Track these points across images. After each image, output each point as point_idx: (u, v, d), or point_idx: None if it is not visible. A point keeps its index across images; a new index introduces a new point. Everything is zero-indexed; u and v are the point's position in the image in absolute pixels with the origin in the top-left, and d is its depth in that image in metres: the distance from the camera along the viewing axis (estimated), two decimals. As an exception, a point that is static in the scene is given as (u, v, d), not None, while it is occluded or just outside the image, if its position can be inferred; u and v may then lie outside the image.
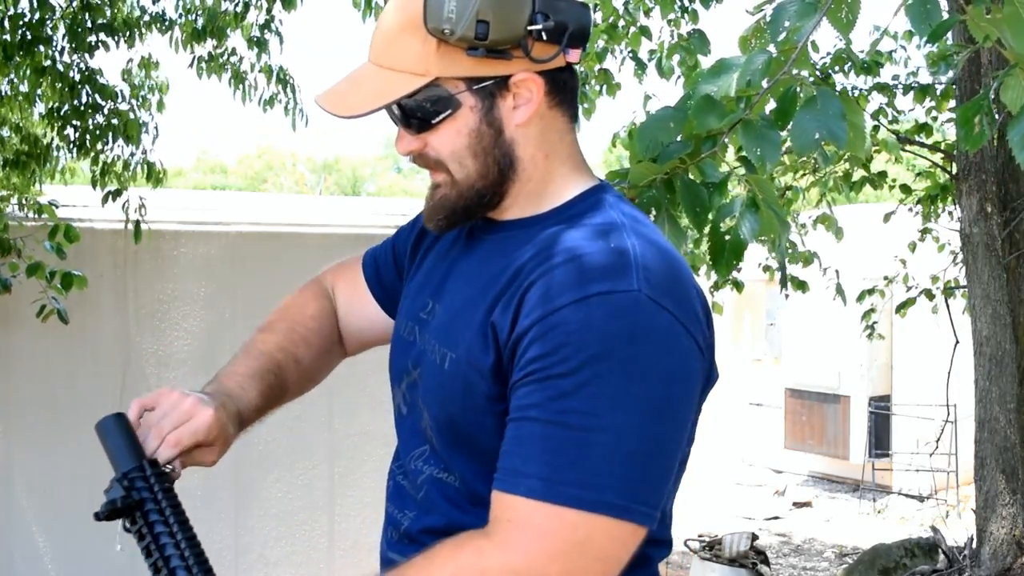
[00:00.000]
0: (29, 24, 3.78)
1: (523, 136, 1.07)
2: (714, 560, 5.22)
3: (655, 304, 0.96)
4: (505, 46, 1.02)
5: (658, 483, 0.96)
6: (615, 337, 0.94)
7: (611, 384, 0.93)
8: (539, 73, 1.05)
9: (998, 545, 4.16)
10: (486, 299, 1.04)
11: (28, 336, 4.03)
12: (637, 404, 0.93)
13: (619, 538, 0.94)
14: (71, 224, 3.57)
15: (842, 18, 1.31)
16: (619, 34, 4.38)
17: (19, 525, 4.21)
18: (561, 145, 1.10)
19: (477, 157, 1.06)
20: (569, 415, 0.93)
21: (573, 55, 1.06)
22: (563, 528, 0.91)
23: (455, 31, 1.00)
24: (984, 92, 1.55)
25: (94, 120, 3.92)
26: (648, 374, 0.94)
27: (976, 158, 4.16)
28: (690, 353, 1.00)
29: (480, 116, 1.05)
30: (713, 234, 1.41)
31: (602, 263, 0.98)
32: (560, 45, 1.03)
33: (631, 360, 0.94)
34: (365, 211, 5.84)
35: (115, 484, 1.15)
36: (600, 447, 0.92)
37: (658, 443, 0.95)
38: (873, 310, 5.85)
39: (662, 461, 0.96)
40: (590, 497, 0.91)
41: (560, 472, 0.92)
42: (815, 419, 9.10)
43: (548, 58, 1.03)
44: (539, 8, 1.02)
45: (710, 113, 1.30)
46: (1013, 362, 4.18)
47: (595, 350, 0.93)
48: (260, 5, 4.26)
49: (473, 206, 1.09)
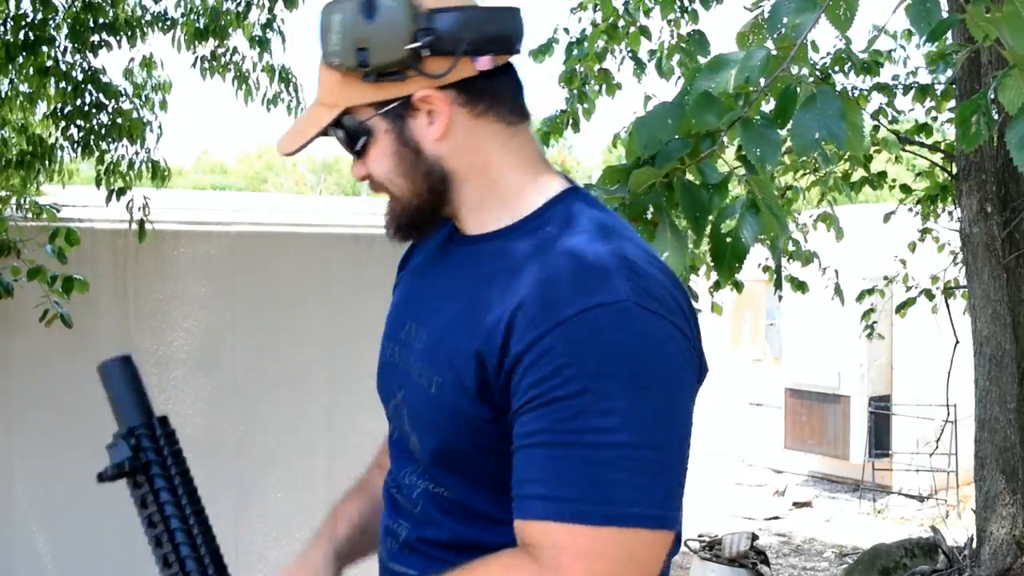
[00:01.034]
0: (31, 24, 3.78)
1: (448, 149, 1.07)
2: (714, 560, 5.22)
3: (645, 311, 0.96)
4: (394, 68, 1.04)
5: (679, 485, 0.98)
6: (613, 351, 0.94)
7: (618, 398, 0.93)
8: (448, 85, 1.05)
9: (998, 545, 4.16)
10: (470, 322, 1.04)
11: (28, 337, 4.03)
12: (648, 414, 0.94)
13: (659, 547, 0.95)
14: (72, 228, 3.56)
15: (840, 15, 1.30)
16: (619, 34, 4.38)
17: (19, 525, 4.21)
18: (504, 151, 1.09)
19: (406, 176, 1.08)
20: (584, 435, 0.93)
21: (483, 62, 1.05)
22: (608, 548, 0.92)
23: (343, 61, 1.04)
24: (982, 92, 1.55)
25: (98, 119, 3.92)
26: (653, 382, 0.95)
27: (976, 158, 4.16)
28: (685, 352, 1.00)
29: (395, 138, 1.07)
30: (714, 236, 1.40)
31: (586, 277, 0.98)
32: (454, 56, 1.03)
33: (634, 371, 0.94)
34: (365, 211, 5.83)
35: (120, 442, 1.07)
36: (622, 462, 0.92)
37: (673, 447, 0.97)
38: (873, 310, 5.85)
39: (679, 464, 0.98)
40: (626, 513, 0.92)
41: (589, 492, 0.92)
42: (815, 419, 9.09)
43: (443, 72, 1.04)
44: (422, 25, 1.03)
45: (708, 110, 1.30)
46: (1013, 362, 4.18)
47: (596, 367, 0.93)
48: (262, 4, 4.26)
49: (418, 221, 1.12)
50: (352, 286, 5.01)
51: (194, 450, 1.21)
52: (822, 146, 1.28)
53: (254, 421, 4.57)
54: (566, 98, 4.63)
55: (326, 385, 4.85)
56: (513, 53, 1.09)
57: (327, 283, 4.98)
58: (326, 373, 4.82)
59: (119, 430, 1.08)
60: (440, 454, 1.07)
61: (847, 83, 4.98)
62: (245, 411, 4.50)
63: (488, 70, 1.06)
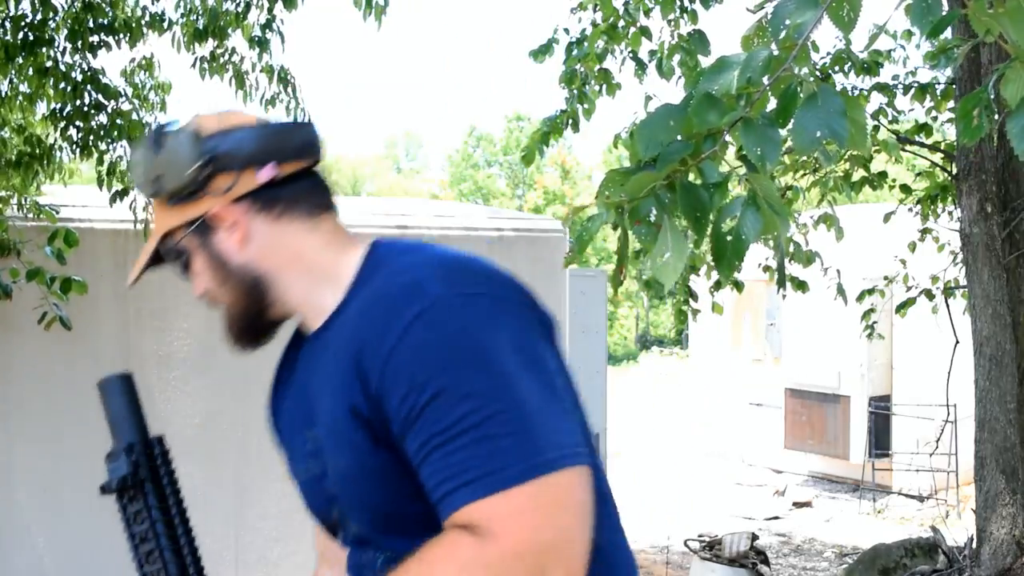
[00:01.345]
0: (31, 24, 3.78)
1: (254, 254, 1.18)
2: (714, 560, 5.22)
3: (461, 296, 1.05)
4: (186, 191, 1.15)
5: (567, 422, 1.04)
6: (448, 344, 1.02)
7: (472, 380, 1.00)
8: (242, 197, 1.16)
9: (998, 545, 4.16)
10: (330, 391, 1.11)
11: (28, 337, 4.03)
12: (505, 377, 1.01)
13: (576, 483, 1.01)
14: (71, 229, 3.56)
15: (843, 16, 1.30)
16: (619, 34, 4.38)
17: (19, 525, 4.21)
18: (308, 244, 1.19)
19: (224, 286, 1.20)
20: (460, 423, 0.99)
21: (265, 173, 1.16)
22: (530, 501, 0.98)
23: (146, 191, 1.19)
24: (984, 86, 1.55)
25: (97, 120, 3.92)
26: (494, 351, 1.02)
27: (976, 158, 4.16)
28: (516, 310, 1.08)
29: (206, 253, 1.19)
30: (715, 235, 1.40)
31: (400, 295, 1.06)
32: (236, 172, 1.15)
33: (473, 351, 1.02)
34: (365, 211, 5.83)
35: (122, 456, 1.11)
36: (506, 427, 0.99)
37: (545, 391, 1.04)
38: (873, 310, 5.85)
39: (557, 404, 1.04)
40: (529, 465, 0.98)
41: (490, 463, 0.98)
42: (815, 419, 9.10)
43: (228, 188, 1.15)
44: (203, 149, 1.14)
45: (710, 110, 1.30)
46: (1013, 362, 4.18)
47: (439, 365, 1.01)
48: (261, 4, 4.25)
49: (249, 326, 1.23)
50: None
51: (194, 450, 1.23)
52: (823, 145, 1.28)
53: (254, 421, 4.56)
54: (566, 98, 4.62)
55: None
56: (306, 159, 1.20)
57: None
58: (326, 373, 4.82)
59: (117, 445, 1.12)
60: (378, 523, 1.14)
61: (847, 83, 4.98)
62: (245, 411, 4.49)
63: (283, 176, 1.17)
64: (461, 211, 6.41)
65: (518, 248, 5.60)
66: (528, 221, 6.02)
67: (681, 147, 1.36)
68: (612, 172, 1.47)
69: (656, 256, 1.35)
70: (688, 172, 1.37)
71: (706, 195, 1.31)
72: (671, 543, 6.89)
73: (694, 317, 5.31)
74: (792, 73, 1.33)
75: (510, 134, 30.01)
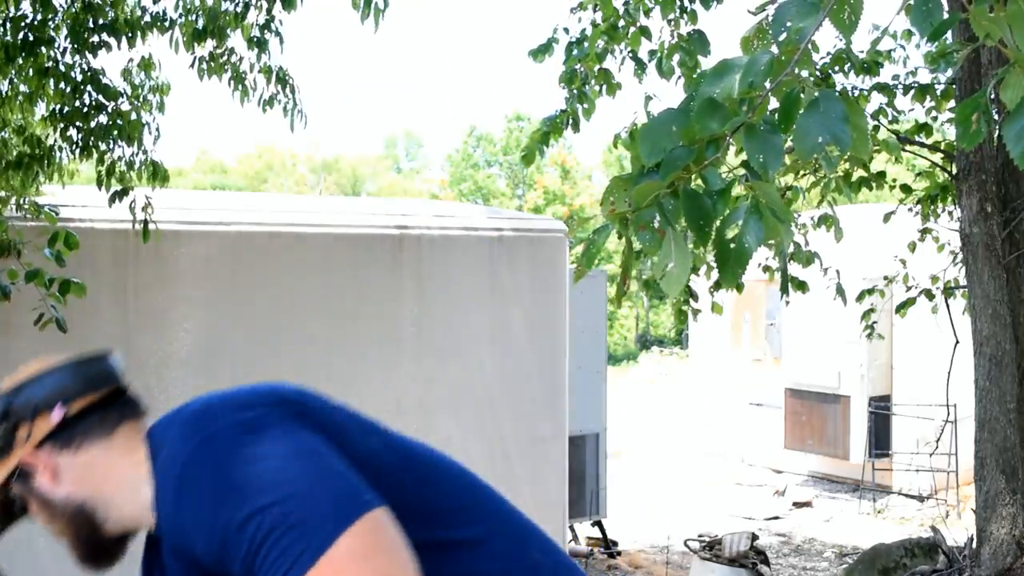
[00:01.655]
0: (31, 25, 3.77)
1: (70, 488, 1.29)
2: (714, 560, 5.22)
3: (201, 442, 1.17)
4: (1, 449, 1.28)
5: (341, 483, 1.14)
6: (212, 487, 1.12)
7: (251, 498, 1.10)
8: (44, 441, 1.28)
9: (998, 545, 4.16)
10: None
11: (28, 337, 4.02)
12: (277, 475, 1.11)
13: (372, 529, 1.10)
14: (71, 231, 3.56)
15: (844, 19, 1.30)
16: (619, 34, 4.37)
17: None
18: (111, 460, 1.30)
19: (56, 520, 1.31)
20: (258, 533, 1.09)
21: (56, 415, 1.28)
22: (343, 561, 1.06)
23: None
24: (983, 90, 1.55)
25: (97, 121, 3.91)
26: (257, 463, 1.13)
27: (976, 158, 4.16)
28: (276, 419, 1.19)
29: (32, 496, 1.30)
30: (718, 242, 1.40)
31: (165, 470, 1.20)
32: (29, 422, 1.28)
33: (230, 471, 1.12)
34: (365, 211, 5.83)
35: None
36: (288, 519, 1.08)
37: (314, 471, 1.13)
38: (873, 310, 5.84)
39: (330, 476, 1.14)
40: (325, 534, 1.07)
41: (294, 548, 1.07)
42: (815, 419, 9.10)
43: (27, 437, 1.28)
44: (1, 409, 1.29)
45: (713, 116, 1.30)
46: (1013, 362, 4.18)
47: (210, 508, 1.12)
48: (260, 5, 4.25)
49: (90, 550, 1.32)
50: (352, 286, 5.01)
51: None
52: (825, 150, 1.28)
53: (254, 422, 4.56)
54: (566, 98, 4.62)
55: (325, 384, 4.82)
56: (99, 391, 1.33)
57: (327, 283, 4.97)
58: (325, 372, 4.81)
59: None
60: None
61: (847, 83, 4.97)
62: (245, 412, 4.49)
63: (76, 412, 1.29)
64: (461, 211, 6.41)
65: (518, 248, 5.61)
66: (528, 221, 6.02)
67: (684, 153, 1.35)
68: (615, 179, 1.47)
69: (660, 266, 1.36)
70: (691, 179, 1.37)
71: (709, 203, 1.31)
72: (671, 543, 6.89)
73: (694, 317, 5.31)
74: (794, 77, 1.32)
75: (510, 134, 29.99)
